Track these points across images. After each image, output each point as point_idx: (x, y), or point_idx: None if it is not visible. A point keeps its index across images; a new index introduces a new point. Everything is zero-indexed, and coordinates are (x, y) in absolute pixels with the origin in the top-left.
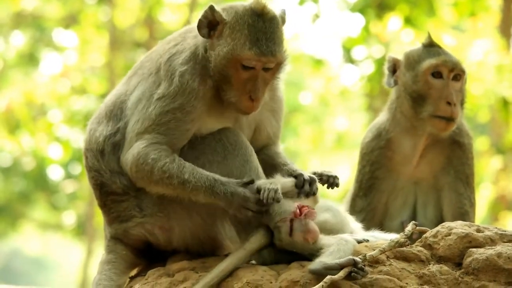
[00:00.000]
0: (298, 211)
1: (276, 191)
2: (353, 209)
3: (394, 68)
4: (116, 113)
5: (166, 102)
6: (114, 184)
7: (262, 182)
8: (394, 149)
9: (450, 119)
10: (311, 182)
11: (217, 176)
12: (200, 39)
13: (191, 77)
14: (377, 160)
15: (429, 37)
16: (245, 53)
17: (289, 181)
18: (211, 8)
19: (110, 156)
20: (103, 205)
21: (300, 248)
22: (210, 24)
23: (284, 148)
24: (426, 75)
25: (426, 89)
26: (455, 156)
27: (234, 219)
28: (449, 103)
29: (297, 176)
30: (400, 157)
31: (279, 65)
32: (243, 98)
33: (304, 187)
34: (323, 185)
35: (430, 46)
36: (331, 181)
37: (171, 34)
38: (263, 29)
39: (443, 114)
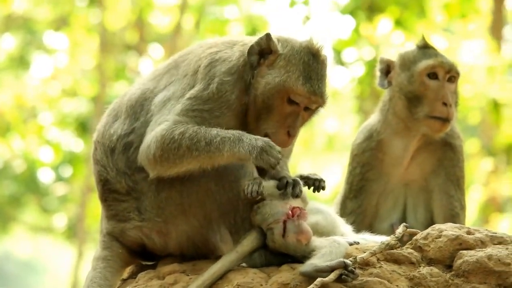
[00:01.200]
0: (290, 212)
1: (259, 184)
2: (344, 211)
3: (387, 69)
4: (136, 110)
5: (196, 102)
6: (118, 184)
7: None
8: (385, 150)
9: (446, 120)
10: (294, 184)
11: None
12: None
13: (231, 89)
14: (368, 161)
15: (424, 38)
16: (298, 88)
17: (271, 183)
18: (268, 36)
19: (120, 156)
20: (104, 200)
21: (293, 249)
22: (262, 52)
23: None
24: (422, 76)
25: (422, 89)
26: (446, 158)
27: (228, 222)
28: (445, 104)
29: (280, 179)
30: (391, 158)
31: (319, 107)
32: (281, 131)
33: (287, 189)
34: (309, 188)
35: (425, 48)
36: (317, 184)
37: (211, 39)
38: (316, 69)
39: (439, 114)
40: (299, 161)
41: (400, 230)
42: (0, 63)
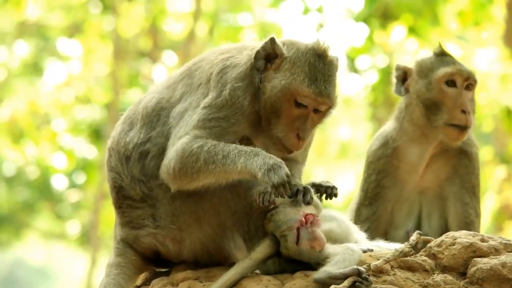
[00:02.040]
0: (304, 219)
1: (271, 193)
2: (358, 218)
3: (403, 76)
4: (152, 119)
5: (211, 110)
6: (133, 190)
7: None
8: (401, 158)
9: (464, 128)
10: (305, 192)
11: None
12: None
13: (243, 94)
14: (383, 168)
15: (441, 46)
16: (303, 89)
17: None
18: (272, 41)
19: (135, 163)
20: (118, 207)
21: (306, 256)
22: (268, 56)
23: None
24: (440, 83)
25: (440, 97)
26: (461, 166)
27: (242, 230)
28: (463, 112)
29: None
30: (406, 166)
31: (329, 109)
32: (291, 135)
33: (297, 196)
34: (321, 195)
35: (442, 55)
36: (329, 192)
37: (225, 45)
38: (322, 70)
39: (458, 122)
40: (313, 168)
41: (413, 237)
42: (14, 70)
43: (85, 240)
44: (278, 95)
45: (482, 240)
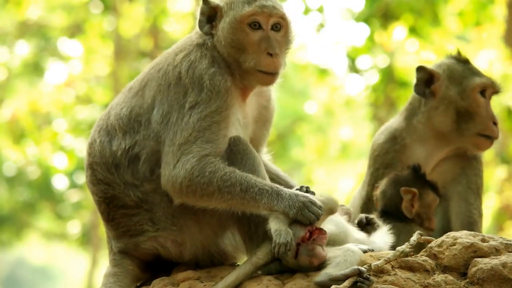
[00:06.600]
0: (307, 235)
1: (286, 244)
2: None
3: (428, 78)
4: (133, 125)
5: (201, 108)
6: (127, 197)
7: (274, 230)
8: (409, 155)
9: (494, 139)
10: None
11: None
12: (209, 42)
13: (222, 77)
14: (391, 162)
15: (463, 53)
16: (246, 10)
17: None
18: (205, 1)
19: (125, 169)
20: (111, 220)
21: (305, 268)
22: (210, 18)
23: (289, 157)
24: (475, 93)
25: (474, 106)
26: (469, 167)
27: (242, 230)
28: (494, 123)
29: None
30: (413, 163)
31: (286, 24)
32: (262, 57)
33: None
34: None
35: (467, 63)
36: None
37: (175, 44)
38: None
39: (490, 133)
40: (314, 169)
41: (414, 237)
42: (15, 70)
43: (85, 240)
44: (230, 32)
45: (483, 240)
